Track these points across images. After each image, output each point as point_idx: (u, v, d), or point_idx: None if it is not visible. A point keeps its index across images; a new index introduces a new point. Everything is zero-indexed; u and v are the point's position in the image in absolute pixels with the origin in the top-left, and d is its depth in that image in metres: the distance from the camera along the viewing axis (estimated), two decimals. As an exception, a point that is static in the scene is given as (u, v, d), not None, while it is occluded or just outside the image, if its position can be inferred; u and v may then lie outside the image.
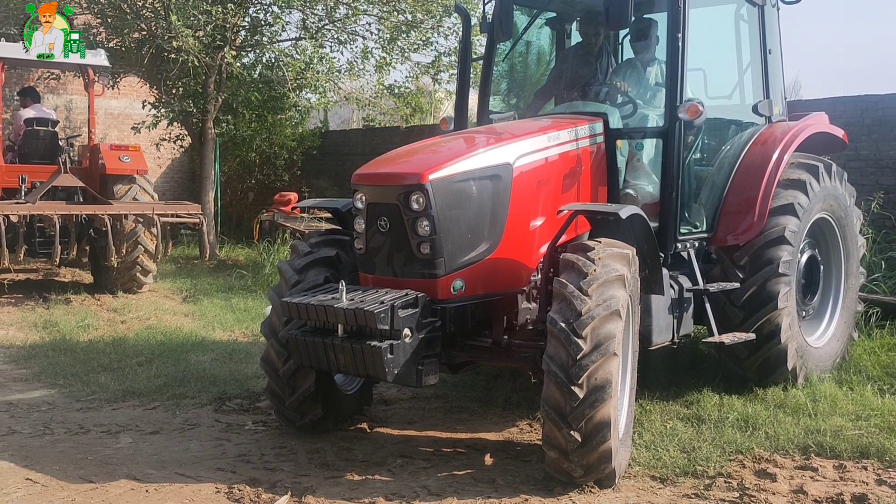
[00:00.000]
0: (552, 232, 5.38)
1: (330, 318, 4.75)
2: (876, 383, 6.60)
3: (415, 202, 4.89)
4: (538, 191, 5.44)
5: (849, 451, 5.25)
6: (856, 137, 10.41)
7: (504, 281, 5.24)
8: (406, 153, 5.70)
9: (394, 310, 4.59)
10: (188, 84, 15.31)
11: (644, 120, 6.28)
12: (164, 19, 13.27)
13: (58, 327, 9.35)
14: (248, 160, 18.21)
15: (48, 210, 10.46)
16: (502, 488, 4.78)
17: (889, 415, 5.83)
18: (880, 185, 10.08)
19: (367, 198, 5.14)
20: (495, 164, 5.20)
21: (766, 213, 6.25)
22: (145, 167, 12.00)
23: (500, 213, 5.19)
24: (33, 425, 6.00)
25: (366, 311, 4.54)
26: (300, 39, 15.29)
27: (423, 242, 4.92)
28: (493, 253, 5.16)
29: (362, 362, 4.67)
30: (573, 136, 5.74)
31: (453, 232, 4.98)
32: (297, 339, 4.96)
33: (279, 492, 4.72)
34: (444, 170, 4.98)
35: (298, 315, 4.94)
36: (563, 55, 7.37)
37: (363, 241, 5.21)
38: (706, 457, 5.15)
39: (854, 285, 7.29)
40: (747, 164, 6.45)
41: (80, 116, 17.92)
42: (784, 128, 6.75)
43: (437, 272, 4.95)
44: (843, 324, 7.15)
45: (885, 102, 10.30)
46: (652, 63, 6.74)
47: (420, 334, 4.78)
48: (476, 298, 5.11)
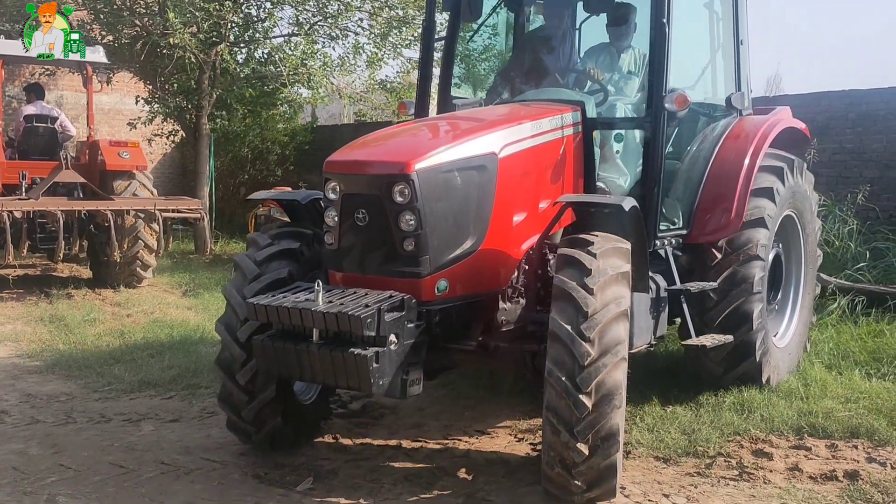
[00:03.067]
0: (534, 227, 5.09)
1: (306, 323, 4.29)
2: (863, 368, 6.90)
3: (399, 193, 4.49)
4: (521, 183, 5.08)
5: (840, 432, 5.53)
6: (841, 131, 10.78)
7: (487, 280, 4.87)
8: (384, 138, 5.31)
9: (380, 314, 4.19)
10: (182, 80, 15.43)
11: (613, 110, 5.98)
12: (160, 16, 13.40)
13: (64, 321, 9.52)
14: (241, 155, 18.37)
15: (51, 206, 10.60)
16: (517, 469, 5.04)
17: (877, 397, 6.12)
18: (864, 177, 10.42)
19: (342, 188, 4.68)
20: (481, 153, 4.83)
21: (742, 213, 5.99)
22: (144, 163, 12.16)
23: (485, 207, 4.83)
24: (55, 415, 6.20)
25: (350, 315, 4.11)
26: (293, 35, 15.44)
27: (408, 238, 4.52)
28: (477, 250, 4.79)
29: (343, 372, 4.26)
30: (554, 125, 5.35)
31: (439, 227, 4.60)
32: (265, 344, 4.48)
33: (303, 474, 4.95)
34: (430, 158, 4.60)
35: (267, 318, 4.45)
36: (525, 39, 6.88)
37: (335, 235, 4.76)
38: (706, 438, 5.42)
39: (813, 271, 7.19)
40: (722, 160, 6.19)
41: (71, 112, 17.94)
42: (755, 122, 6.53)
43: (422, 271, 4.56)
44: (805, 313, 7.09)
45: (868, 97, 10.63)
46: (627, 51, 6.43)
47: (406, 340, 4.39)
48: (460, 299, 4.75)
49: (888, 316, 8.11)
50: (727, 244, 6.06)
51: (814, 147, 10.40)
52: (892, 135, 10.37)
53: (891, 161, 10.37)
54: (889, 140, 10.39)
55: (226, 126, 16.81)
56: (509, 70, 6.74)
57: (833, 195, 10.18)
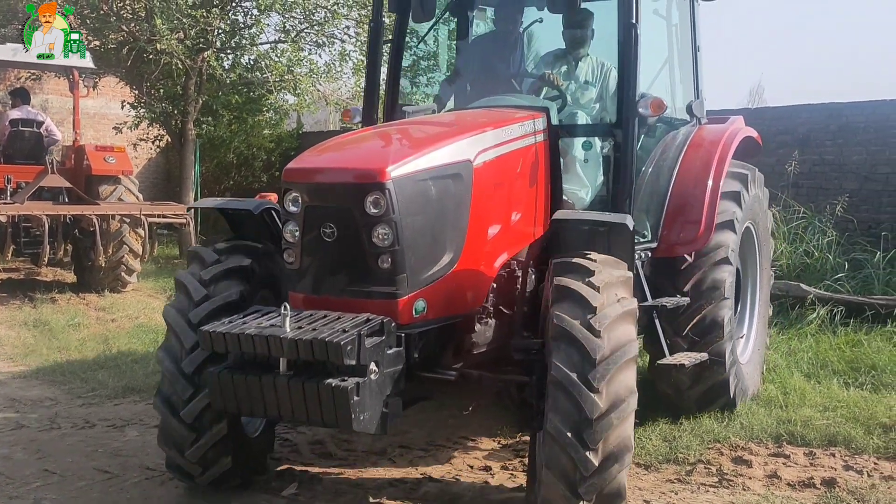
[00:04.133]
0: (507, 241, 4.79)
1: (274, 352, 3.77)
2: (841, 377, 7.01)
3: (372, 204, 4.05)
4: (495, 193, 4.70)
5: (818, 440, 5.62)
6: (821, 143, 10.95)
7: (464, 300, 4.49)
8: (351, 143, 4.86)
9: (361, 339, 3.72)
10: (168, 85, 15.45)
11: (573, 118, 5.65)
12: (147, 22, 13.43)
13: (48, 326, 9.51)
14: (226, 161, 18.40)
15: (36, 210, 10.60)
16: (499, 476, 5.10)
17: (854, 406, 6.21)
18: (844, 189, 10.58)
19: (305, 199, 4.19)
20: (456, 160, 4.42)
21: (712, 226, 5.70)
22: (130, 168, 12.19)
23: (462, 219, 4.43)
24: (40, 420, 6.20)
25: (328, 341, 3.62)
26: (280, 42, 15.49)
27: (383, 254, 4.09)
28: (454, 267, 4.39)
29: (317, 407, 3.75)
30: (525, 130, 4.97)
31: (417, 242, 4.18)
32: (222, 377, 3.92)
33: (287, 480, 4.99)
34: (406, 165, 4.17)
35: (226, 347, 3.88)
36: (472, 44, 6.50)
37: (296, 252, 4.27)
38: (686, 445, 5.50)
39: (767, 292, 6.94)
40: (687, 170, 5.90)
41: (56, 116, 17.90)
42: (717, 131, 6.25)
43: (399, 291, 4.12)
44: (761, 335, 6.82)
45: (848, 110, 10.81)
46: (584, 59, 6.07)
47: (386, 369, 3.96)
48: (438, 322, 4.34)
49: (866, 326, 8.23)
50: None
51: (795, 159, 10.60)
52: (871, 147, 10.55)
53: (870, 173, 10.54)
54: (869, 152, 10.57)
55: (211, 132, 16.85)
56: (458, 76, 6.43)
57: (813, 206, 10.33)
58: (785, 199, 10.42)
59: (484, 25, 6.73)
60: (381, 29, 6.16)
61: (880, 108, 10.56)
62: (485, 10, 6.66)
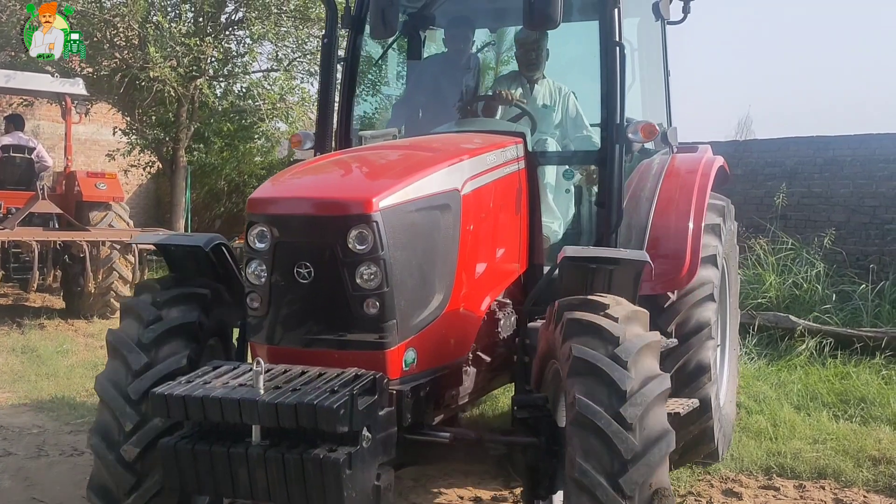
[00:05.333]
0: (493, 281, 4.37)
1: (247, 418, 3.07)
2: (831, 409, 7.03)
3: (358, 240, 3.49)
4: (481, 226, 4.23)
5: (808, 472, 5.64)
6: (809, 176, 11.06)
7: (452, 348, 4.02)
8: (326, 169, 4.25)
9: (353, 401, 3.11)
10: (160, 112, 15.52)
11: (543, 144, 5.21)
12: (140, 49, 13.51)
13: (37, 352, 9.45)
14: (217, 188, 18.45)
15: (26, 236, 10.58)
16: None
17: (844, 439, 6.23)
18: (832, 221, 10.70)
19: (275, 234, 3.57)
20: (444, 189, 3.93)
21: (697, 262, 5.12)
22: (121, 194, 12.20)
23: (451, 255, 3.95)
24: (27, 448, 6.16)
25: (318, 405, 2.99)
26: (272, 71, 15.61)
27: (369, 298, 3.52)
28: (444, 310, 3.89)
29: (299, 484, 3.08)
30: (507, 157, 4.56)
31: (406, 283, 3.65)
32: (179, 450, 3.19)
33: None
34: (394, 194, 3.63)
35: (186, 413, 3.17)
36: (425, 64, 6.03)
37: (263, 297, 3.64)
38: (676, 476, 5.48)
39: (736, 326, 6.61)
40: (667, 201, 5.36)
41: (47, 142, 17.91)
42: (693, 160, 5.78)
43: (388, 340, 3.57)
44: (733, 379, 6.43)
45: (835, 143, 10.96)
46: (540, 81, 5.70)
47: (378, 434, 3.32)
48: (427, 374, 3.81)
49: (855, 358, 8.27)
50: None
51: (783, 191, 10.71)
52: (858, 180, 10.67)
53: (857, 206, 10.65)
54: (856, 185, 10.69)
55: (203, 159, 16.90)
56: (410, 99, 5.97)
57: (801, 238, 10.41)
58: (773, 230, 10.51)
59: (434, 46, 6.27)
60: (334, 44, 5.52)
61: (867, 141, 10.71)
62: (435, 31, 6.18)
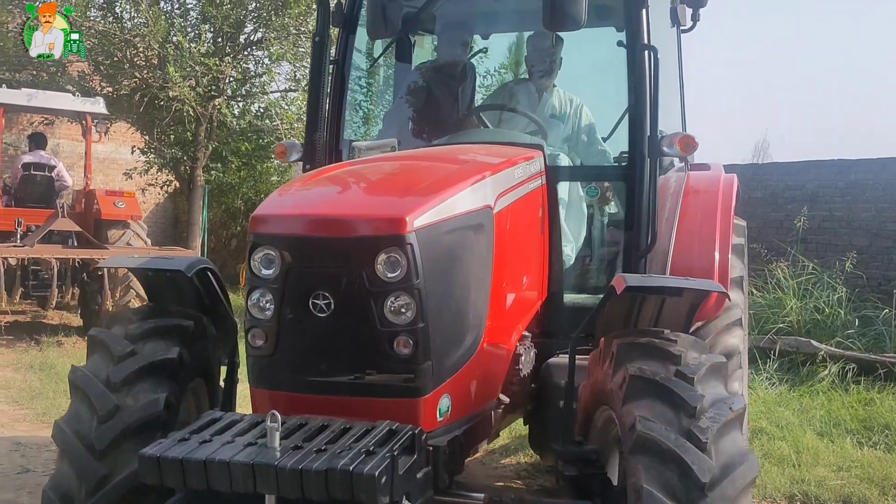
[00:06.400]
0: (522, 311, 3.91)
1: (263, 487, 2.53)
2: (854, 436, 6.93)
3: (388, 266, 2.93)
4: (511, 248, 3.71)
5: (832, 500, 5.55)
6: (830, 199, 11.00)
7: (485, 391, 3.50)
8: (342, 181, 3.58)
9: (394, 464, 2.60)
10: (179, 132, 15.61)
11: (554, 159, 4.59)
12: (160, 69, 13.61)
13: (55, 369, 9.46)
14: (234, 207, 18.50)
15: (45, 254, 10.63)
16: None
17: (868, 466, 6.14)
18: (853, 245, 10.62)
19: (286, 258, 3.01)
20: (478, 207, 3.39)
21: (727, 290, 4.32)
22: (139, 213, 12.30)
23: (485, 284, 3.42)
24: (45, 464, 6.13)
25: (355, 472, 2.46)
26: (290, 91, 15.67)
27: (401, 335, 2.96)
28: (478, 348, 3.36)
29: None
30: (532, 171, 4.06)
31: (443, 316, 3.10)
32: None
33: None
34: (428, 212, 3.06)
35: (183, 480, 2.59)
36: (418, 71, 5.50)
37: (269, 333, 3.08)
38: None
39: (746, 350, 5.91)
40: (690, 221, 4.78)
41: (67, 160, 18.03)
42: (711, 177, 5.23)
43: (424, 386, 3.03)
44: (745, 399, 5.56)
45: (857, 167, 10.90)
46: (550, 91, 5.27)
47: (417, 500, 2.80)
48: (462, 424, 3.28)
49: (878, 384, 8.18)
50: None
51: (804, 214, 10.65)
52: (880, 204, 10.60)
53: (879, 230, 10.57)
54: (878, 209, 10.62)
55: (220, 178, 16.95)
56: (401, 108, 5.48)
57: (822, 262, 10.33)
58: (794, 254, 10.43)
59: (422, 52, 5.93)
60: (326, 44, 4.82)
61: (889, 165, 10.65)
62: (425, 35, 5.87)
